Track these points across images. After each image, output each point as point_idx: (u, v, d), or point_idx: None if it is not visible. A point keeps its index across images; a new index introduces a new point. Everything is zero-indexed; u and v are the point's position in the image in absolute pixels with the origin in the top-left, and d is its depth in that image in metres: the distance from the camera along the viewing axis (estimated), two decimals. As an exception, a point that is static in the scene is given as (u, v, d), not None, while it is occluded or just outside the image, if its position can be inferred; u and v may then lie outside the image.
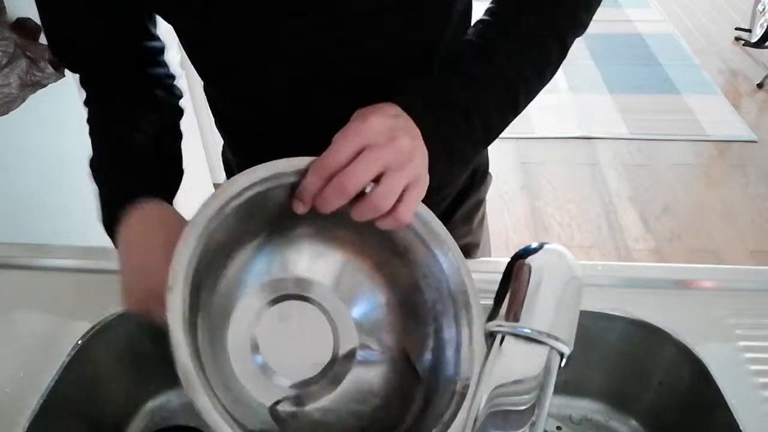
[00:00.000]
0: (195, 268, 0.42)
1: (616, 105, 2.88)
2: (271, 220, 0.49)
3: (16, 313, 0.68)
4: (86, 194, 0.64)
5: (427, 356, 0.52)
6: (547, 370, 0.36)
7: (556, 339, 0.37)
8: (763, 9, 3.14)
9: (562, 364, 0.38)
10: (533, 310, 0.38)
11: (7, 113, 1.24)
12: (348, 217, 0.45)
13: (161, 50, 0.67)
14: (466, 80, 0.53)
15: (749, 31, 3.28)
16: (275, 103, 0.62)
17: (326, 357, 0.51)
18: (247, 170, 0.45)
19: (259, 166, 0.45)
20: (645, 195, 2.37)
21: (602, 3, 0.57)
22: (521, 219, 2.24)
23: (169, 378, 0.74)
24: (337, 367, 0.52)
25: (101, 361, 0.67)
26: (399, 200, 0.44)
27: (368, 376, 0.53)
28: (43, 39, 1.25)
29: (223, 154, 0.82)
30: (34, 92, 1.25)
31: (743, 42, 3.31)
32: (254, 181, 0.45)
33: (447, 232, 0.51)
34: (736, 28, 3.39)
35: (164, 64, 0.68)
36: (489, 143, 0.68)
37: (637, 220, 2.25)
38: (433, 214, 0.51)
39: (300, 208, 0.46)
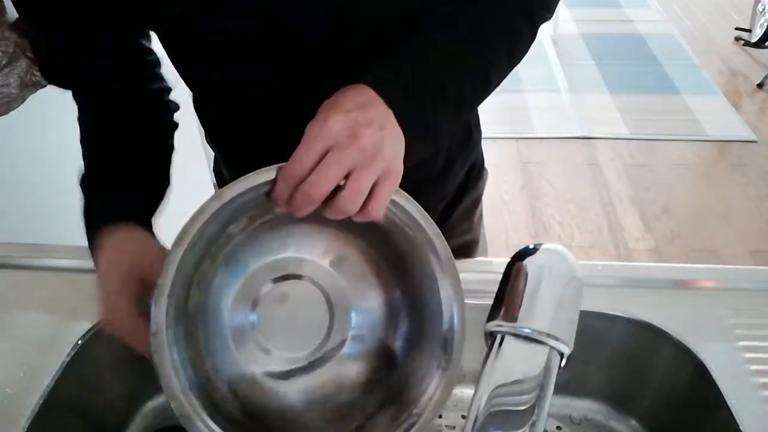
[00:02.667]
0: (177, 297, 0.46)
1: (616, 105, 2.88)
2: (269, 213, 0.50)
3: (16, 313, 0.68)
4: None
5: (407, 348, 0.54)
6: (547, 370, 0.36)
7: (556, 339, 0.37)
8: (763, 9, 3.14)
9: (562, 364, 0.38)
10: (533, 310, 0.38)
11: (7, 113, 1.25)
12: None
13: (156, 63, 0.67)
14: (439, 57, 0.52)
15: (749, 31, 3.27)
16: (262, 103, 0.62)
17: (316, 340, 0.53)
18: (216, 192, 0.46)
19: (228, 185, 0.45)
20: (645, 195, 2.37)
21: (602, 3, 0.58)
22: (521, 219, 2.24)
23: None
24: (323, 351, 0.53)
25: (101, 361, 0.67)
26: (369, 195, 0.44)
27: (349, 367, 0.54)
28: (43, 39, 1.25)
29: (215, 169, 0.81)
30: (34, 92, 1.25)
31: (743, 42, 3.30)
32: (226, 201, 0.45)
33: (440, 234, 0.51)
34: (736, 28, 3.39)
35: (160, 78, 0.68)
36: (460, 120, 0.66)
37: (637, 220, 2.25)
38: (424, 213, 0.50)
39: (277, 210, 0.46)
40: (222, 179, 0.80)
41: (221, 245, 0.51)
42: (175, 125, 0.68)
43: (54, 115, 1.38)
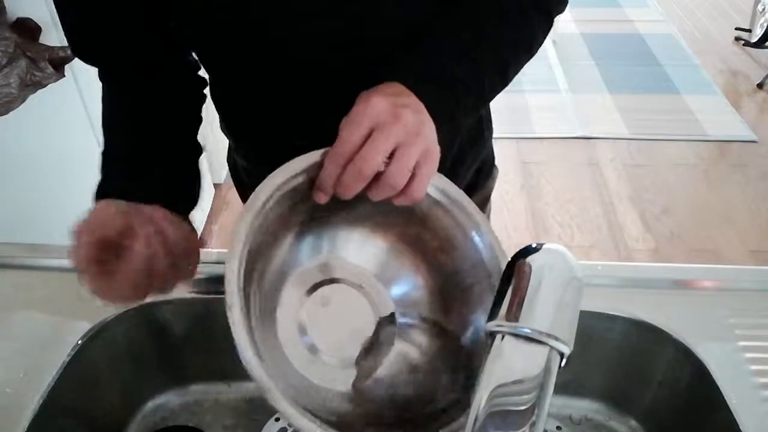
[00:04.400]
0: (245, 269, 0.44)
1: (616, 105, 2.88)
2: (303, 212, 0.50)
3: (16, 313, 0.68)
4: (86, 194, 0.64)
5: (469, 334, 0.54)
6: (547, 370, 0.36)
7: (556, 339, 0.37)
8: (763, 9, 3.14)
9: (562, 364, 0.38)
10: (533, 310, 0.38)
11: (7, 113, 1.24)
12: (381, 204, 0.47)
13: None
14: (459, 53, 0.54)
15: (749, 31, 3.27)
16: (278, 91, 0.62)
17: (368, 335, 0.53)
18: (266, 180, 0.46)
19: (275, 172, 0.46)
20: (645, 195, 2.37)
21: (602, 3, 0.58)
22: (521, 219, 2.24)
23: (170, 378, 0.75)
24: (379, 343, 0.53)
25: (101, 361, 0.67)
26: (411, 177, 0.46)
27: (410, 351, 0.54)
28: (43, 39, 1.25)
29: (228, 157, 0.81)
30: (34, 92, 1.25)
31: (743, 42, 3.30)
32: (276, 186, 0.46)
33: (479, 211, 0.52)
34: (736, 28, 3.39)
35: (189, 52, 0.67)
36: (479, 112, 0.69)
37: (637, 220, 2.25)
38: (462, 193, 0.52)
39: (321, 198, 0.47)
40: (235, 169, 0.80)
41: (261, 259, 0.50)
42: (205, 97, 0.68)
43: (54, 115, 1.38)
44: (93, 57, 0.63)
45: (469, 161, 0.76)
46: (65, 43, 0.63)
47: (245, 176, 0.79)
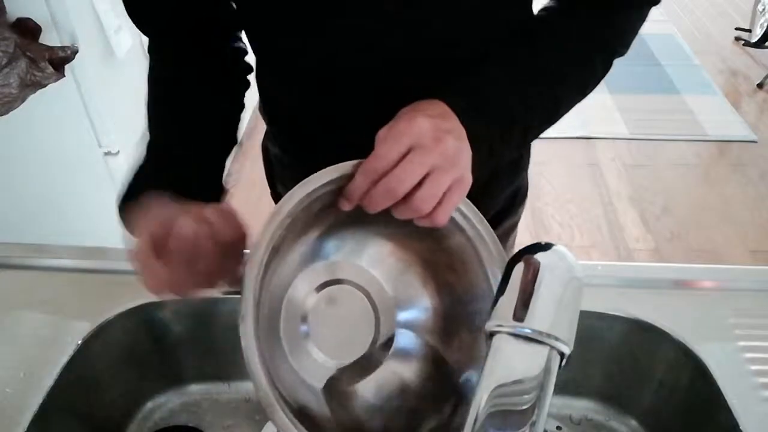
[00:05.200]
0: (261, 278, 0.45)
1: (616, 105, 2.88)
2: (327, 215, 0.50)
3: (16, 313, 0.68)
4: (86, 194, 0.64)
5: (464, 363, 0.53)
6: (547, 370, 0.36)
7: (556, 339, 0.37)
8: (763, 9, 3.14)
9: (562, 364, 0.38)
10: (533, 310, 0.38)
11: (7, 113, 1.24)
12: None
13: (238, 24, 0.65)
14: (514, 86, 0.53)
15: (749, 31, 3.27)
16: (325, 84, 0.61)
17: (366, 344, 0.53)
18: (299, 185, 0.46)
19: (305, 180, 0.46)
20: (645, 195, 2.37)
21: None
22: (521, 219, 2.23)
23: (169, 378, 0.75)
24: (376, 353, 0.53)
25: (101, 361, 0.67)
26: (438, 203, 0.45)
27: (403, 370, 0.54)
28: (43, 39, 1.25)
29: (262, 144, 0.81)
30: (34, 92, 1.25)
31: (743, 42, 3.30)
32: (305, 194, 0.46)
33: (498, 244, 0.52)
34: (736, 28, 3.39)
35: (239, 38, 0.67)
36: (523, 148, 0.69)
37: (637, 220, 2.25)
38: (485, 222, 0.51)
39: (345, 206, 0.46)
40: (267, 155, 0.79)
41: (283, 247, 0.50)
42: (248, 84, 0.68)
43: (54, 115, 1.38)
44: (147, 23, 0.62)
45: (504, 185, 0.75)
46: (65, 43, 0.63)
47: (276, 163, 0.78)
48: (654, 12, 0.59)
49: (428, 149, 0.44)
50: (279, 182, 0.80)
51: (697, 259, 2.06)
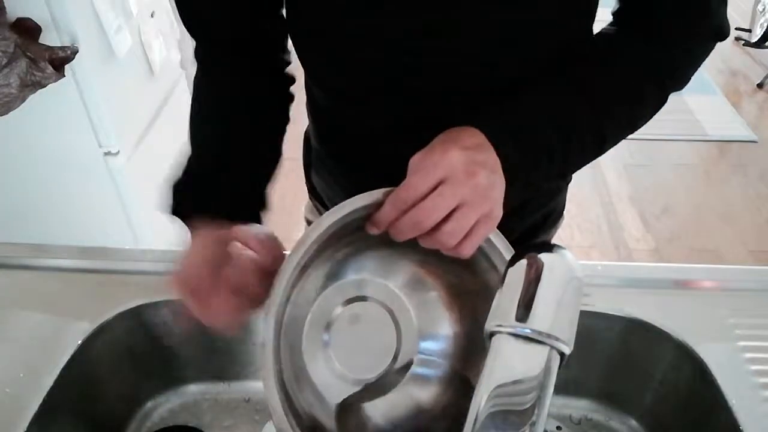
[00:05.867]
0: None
1: (616, 105, 2.88)
2: (356, 236, 0.51)
3: (16, 313, 0.68)
4: (86, 194, 0.64)
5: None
6: (547, 370, 0.36)
7: (556, 339, 0.37)
8: (763, 9, 3.14)
9: (562, 364, 0.38)
10: (533, 310, 0.38)
11: (7, 113, 1.24)
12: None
13: (286, 35, 0.64)
14: (557, 120, 0.52)
15: (749, 31, 3.28)
16: (370, 99, 0.61)
17: (385, 363, 0.53)
18: (330, 211, 0.47)
19: (339, 205, 0.47)
20: (645, 195, 2.37)
21: (601, 3, 0.57)
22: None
23: (169, 378, 0.75)
24: (394, 374, 0.53)
25: (101, 361, 0.67)
26: (466, 235, 0.45)
27: (419, 393, 0.54)
28: (43, 39, 1.25)
29: (305, 138, 0.80)
30: (34, 92, 1.25)
31: (743, 42, 3.30)
32: (335, 220, 0.47)
33: None
34: (736, 28, 3.39)
35: (286, 49, 0.66)
36: (564, 179, 0.68)
37: (637, 220, 2.25)
38: (510, 249, 0.51)
39: (373, 231, 0.47)
40: (309, 149, 0.79)
41: (309, 268, 0.51)
42: (293, 97, 0.68)
43: (54, 115, 1.38)
44: (199, 29, 0.62)
45: (537, 206, 0.73)
46: (65, 43, 0.63)
47: (315, 159, 0.78)
48: (654, 12, 0.57)
49: (459, 183, 0.44)
50: (314, 173, 0.79)
51: (697, 259, 2.06)
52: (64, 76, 1.27)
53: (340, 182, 0.73)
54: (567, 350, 0.37)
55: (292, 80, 0.67)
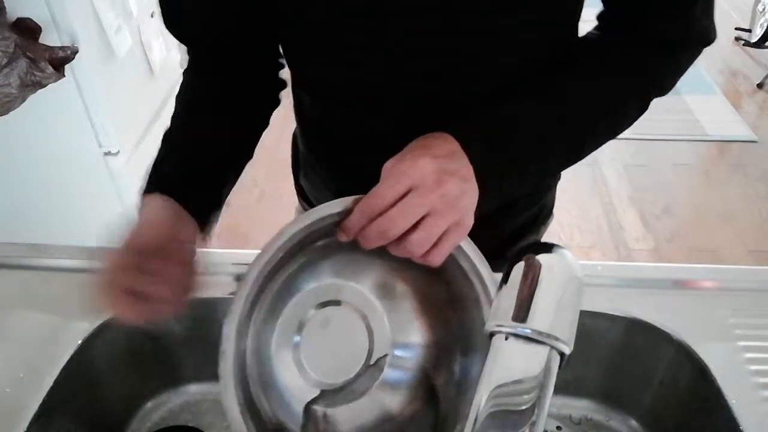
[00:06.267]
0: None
1: (616, 105, 2.88)
2: (327, 242, 0.51)
3: (16, 313, 0.68)
4: (86, 194, 0.64)
5: (451, 389, 0.54)
6: (547, 370, 0.36)
7: (556, 339, 0.37)
8: (763, 9, 3.14)
9: (562, 364, 0.38)
10: (533, 310, 0.38)
11: (7, 113, 1.24)
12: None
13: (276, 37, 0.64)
14: (535, 130, 0.51)
15: (749, 31, 3.27)
16: (356, 104, 0.61)
17: (356, 368, 0.53)
18: (297, 218, 0.47)
19: (305, 214, 0.47)
20: (645, 195, 2.37)
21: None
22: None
23: (169, 378, 0.75)
24: (363, 380, 0.53)
25: (101, 361, 0.67)
26: (435, 244, 0.45)
27: (389, 399, 0.54)
28: (43, 39, 1.25)
29: (292, 141, 0.80)
30: (34, 92, 1.25)
31: (743, 42, 3.30)
32: (301, 227, 0.47)
33: (496, 284, 0.52)
34: (736, 28, 3.39)
35: (278, 53, 0.65)
36: (539, 188, 0.68)
37: (637, 220, 2.25)
38: (484, 261, 0.51)
39: (343, 237, 0.47)
40: (296, 152, 0.79)
41: (281, 270, 0.51)
42: (278, 102, 0.67)
43: (54, 115, 1.38)
44: (184, 33, 0.62)
45: (524, 207, 0.72)
46: (65, 43, 0.63)
47: (303, 162, 0.78)
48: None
49: (427, 191, 0.43)
50: (303, 175, 0.79)
51: (697, 259, 2.06)
52: (64, 76, 1.27)
53: (330, 186, 0.73)
54: (567, 350, 0.37)
55: (282, 84, 0.67)
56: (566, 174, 0.64)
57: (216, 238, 2.01)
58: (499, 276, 0.49)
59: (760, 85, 3.01)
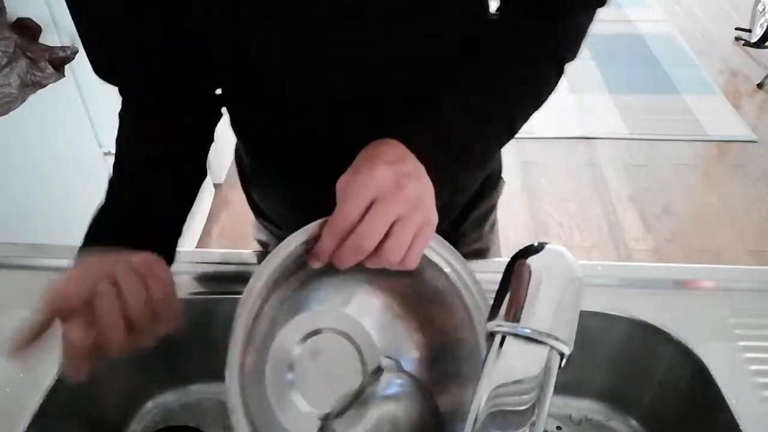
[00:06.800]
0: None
1: (616, 105, 2.88)
2: (302, 272, 0.50)
3: (16, 313, 0.68)
4: (86, 194, 0.64)
5: (449, 397, 0.53)
6: (547, 370, 0.36)
7: (556, 339, 0.37)
8: (763, 9, 3.14)
9: (562, 364, 0.38)
10: (533, 310, 0.38)
11: (7, 113, 1.25)
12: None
13: (207, 62, 0.63)
14: (469, 113, 0.53)
15: (749, 31, 3.27)
16: (294, 109, 0.61)
17: (353, 389, 0.52)
18: (269, 257, 0.46)
19: (276, 248, 0.46)
20: (645, 195, 2.37)
21: None
22: (521, 219, 2.24)
23: (169, 378, 0.75)
24: (363, 400, 0.53)
25: (101, 361, 0.67)
26: (408, 248, 0.45)
27: (393, 411, 0.54)
28: (43, 39, 1.25)
29: (236, 156, 0.81)
30: (34, 92, 1.25)
31: (743, 42, 3.30)
32: (276, 264, 0.46)
33: (472, 273, 0.52)
34: (736, 28, 3.39)
35: (210, 87, 0.66)
36: (486, 168, 0.69)
37: (637, 220, 2.25)
38: (456, 253, 0.51)
39: (315, 264, 0.46)
40: (242, 166, 0.79)
41: (261, 314, 0.50)
42: (221, 116, 0.67)
43: (54, 115, 1.38)
44: (114, 75, 0.61)
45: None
46: (65, 43, 0.63)
47: (250, 174, 0.78)
48: (654, 12, 0.59)
49: (391, 199, 0.44)
50: (254, 189, 0.80)
51: (697, 259, 2.06)
52: (64, 76, 1.27)
53: (276, 191, 0.74)
54: (567, 350, 0.37)
55: (220, 98, 0.67)
56: (566, 174, 0.64)
57: (216, 238, 2.02)
58: (474, 266, 0.50)
59: (760, 85, 3.01)
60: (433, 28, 0.55)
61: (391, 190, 0.44)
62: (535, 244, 0.43)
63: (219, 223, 2.15)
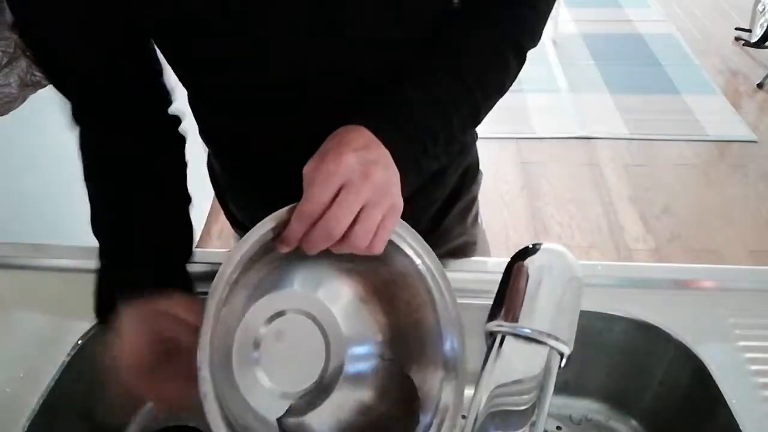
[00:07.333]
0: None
1: (616, 105, 2.88)
2: (269, 257, 0.50)
3: (16, 313, 0.68)
4: (86, 194, 0.64)
5: (414, 365, 0.54)
6: (547, 370, 0.36)
7: (556, 339, 0.37)
8: (763, 9, 3.14)
9: (562, 364, 0.38)
10: (533, 310, 0.38)
11: (7, 113, 1.24)
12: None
13: (160, 73, 0.64)
14: (435, 103, 0.54)
15: (749, 31, 3.27)
16: (258, 107, 0.61)
17: (317, 370, 0.53)
18: (240, 242, 0.46)
19: (246, 235, 0.46)
20: (645, 195, 2.37)
21: (602, 3, 0.58)
22: (521, 219, 2.24)
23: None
24: (328, 378, 0.53)
25: (101, 360, 0.67)
26: (375, 233, 0.46)
27: (360, 391, 0.54)
28: (43, 39, 1.25)
29: (208, 163, 0.81)
30: (34, 92, 1.25)
31: (743, 42, 3.30)
32: (246, 248, 0.46)
33: (435, 258, 0.53)
34: (736, 28, 3.39)
35: (163, 88, 0.65)
36: (451, 156, 0.69)
37: (637, 220, 2.25)
38: (420, 238, 0.52)
39: (284, 249, 0.47)
40: (213, 172, 0.80)
41: (230, 297, 0.51)
42: (183, 140, 0.67)
43: (54, 115, 1.38)
44: (68, 83, 0.62)
45: (452, 169, 0.75)
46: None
47: (222, 180, 0.79)
48: (654, 12, 0.59)
49: (359, 185, 0.45)
50: (230, 200, 0.80)
51: (697, 259, 2.06)
52: (64, 76, 1.27)
53: (254, 195, 0.73)
54: (567, 350, 0.37)
55: (178, 120, 0.67)
56: (566, 174, 0.64)
57: (216, 237, 2.02)
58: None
59: (760, 85, 3.01)
60: (396, 16, 0.55)
61: (358, 176, 0.45)
62: (535, 244, 0.43)
63: (219, 223, 2.15)
